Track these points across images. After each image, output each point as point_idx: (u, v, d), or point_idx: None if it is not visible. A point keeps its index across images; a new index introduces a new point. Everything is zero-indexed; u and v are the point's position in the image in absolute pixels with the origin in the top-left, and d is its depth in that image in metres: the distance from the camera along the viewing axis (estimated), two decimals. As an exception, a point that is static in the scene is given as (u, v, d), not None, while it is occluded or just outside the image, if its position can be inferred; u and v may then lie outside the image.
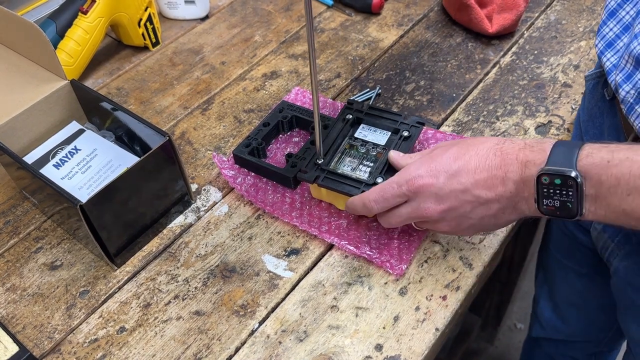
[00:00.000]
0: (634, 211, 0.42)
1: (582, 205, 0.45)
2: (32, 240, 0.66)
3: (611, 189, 0.43)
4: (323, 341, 0.56)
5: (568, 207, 0.46)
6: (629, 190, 0.42)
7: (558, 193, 0.45)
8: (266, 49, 0.90)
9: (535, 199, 0.47)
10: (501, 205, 0.50)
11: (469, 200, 0.51)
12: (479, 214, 0.52)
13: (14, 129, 0.68)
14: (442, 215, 0.53)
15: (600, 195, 0.44)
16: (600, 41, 0.60)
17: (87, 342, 0.57)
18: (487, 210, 0.51)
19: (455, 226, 0.54)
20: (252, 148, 0.70)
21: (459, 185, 0.51)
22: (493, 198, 0.50)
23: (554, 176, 0.45)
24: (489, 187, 0.50)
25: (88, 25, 0.81)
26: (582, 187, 0.44)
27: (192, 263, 0.63)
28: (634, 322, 0.69)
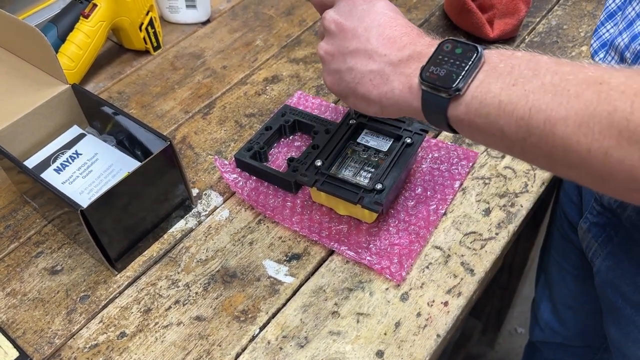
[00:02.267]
0: (508, 103, 0.39)
1: (466, 80, 0.41)
2: (33, 245, 0.66)
3: (501, 76, 0.40)
4: (324, 347, 0.56)
5: (450, 78, 0.42)
6: (515, 80, 0.39)
7: (451, 62, 0.43)
8: (267, 53, 0.90)
9: (423, 65, 0.44)
10: (387, 63, 0.47)
11: (361, 36, 0.48)
12: (360, 64, 0.48)
13: (14, 133, 0.68)
14: (329, 32, 0.50)
15: (485, 81, 0.41)
16: (595, 41, 0.61)
17: (87, 348, 0.57)
18: (370, 63, 0.48)
19: (334, 69, 0.51)
20: (254, 152, 0.70)
21: (363, 23, 0.49)
22: (384, 50, 0.47)
23: (457, 44, 0.44)
24: (383, 42, 0.47)
25: (89, 29, 0.81)
26: (479, 64, 0.42)
27: (193, 268, 0.63)
28: (614, 325, 0.69)
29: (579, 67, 0.38)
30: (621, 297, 0.65)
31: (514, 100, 0.39)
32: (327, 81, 0.52)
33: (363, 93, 0.48)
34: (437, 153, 0.71)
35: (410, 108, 0.46)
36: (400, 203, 0.66)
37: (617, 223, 0.65)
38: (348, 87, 0.49)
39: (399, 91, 0.46)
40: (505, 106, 0.39)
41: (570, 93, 0.37)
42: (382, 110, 0.48)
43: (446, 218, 0.65)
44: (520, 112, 0.38)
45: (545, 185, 0.69)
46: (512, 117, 0.39)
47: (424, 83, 0.44)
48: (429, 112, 0.44)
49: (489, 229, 0.64)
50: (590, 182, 0.39)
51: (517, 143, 0.40)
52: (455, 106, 0.42)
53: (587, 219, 0.70)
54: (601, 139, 0.35)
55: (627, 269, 0.64)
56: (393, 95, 0.46)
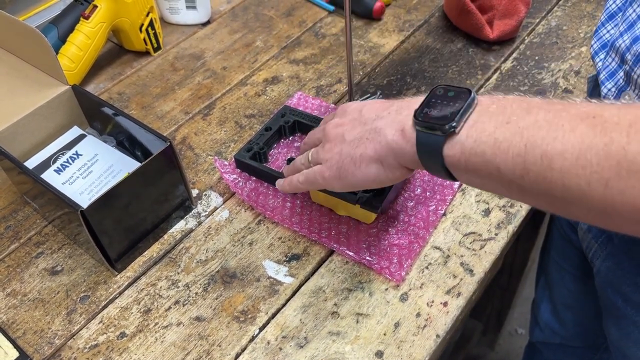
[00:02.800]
0: (503, 140, 0.39)
1: (460, 118, 0.42)
2: (33, 245, 0.66)
3: (494, 115, 0.41)
4: (323, 347, 0.56)
5: (446, 117, 0.43)
6: (509, 118, 0.40)
7: (444, 104, 0.44)
8: (267, 54, 0.90)
9: (417, 108, 0.45)
10: (378, 118, 0.49)
11: (356, 114, 0.52)
12: (356, 129, 0.51)
13: (15, 134, 0.68)
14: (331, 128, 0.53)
15: (479, 120, 0.42)
16: (596, 42, 0.61)
17: (87, 348, 0.57)
18: (364, 127, 0.50)
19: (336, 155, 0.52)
20: (254, 152, 0.70)
21: (356, 110, 0.52)
22: (374, 113, 0.50)
23: (450, 88, 0.45)
24: (375, 109, 0.50)
25: (90, 31, 0.81)
26: (473, 105, 0.43)
27: (193, 268, 0.63)
28: (614, 325, 0.69)
29: (571, 104, 0.38)
30: (621, 297, 0.65)
31: (508, 137, 0.39)
32: (330, 165, 0.52)
33: (364, 153, 0.49)
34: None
35: (405, 154, 0.46)
36: (400, 204, 0.66)
37: None
38: (349, 154, 0.50)
39: (392, 136, 0.47)
40: (501, 144, 0.39)
41: (565, 127, 0.37)
42: (383, 165, 0.48)
43: (446, 219, 0.66)
44: (516, 149, 0.38)
45: (545, 185, 0.69)
46: (508, 154, 0.39)
47: (418, 123, 0.44)
48: (423, 154, 0.45)
49: (488, 229, 0.64)
50: (593, 217, 0.38)
51: (514, 182, 0.40)
52: (450, 146, 0.42)
53: None
54: (600, 171, 0.35)
55: (628, 269, 0.64)
56: (387, 141, 0.47)
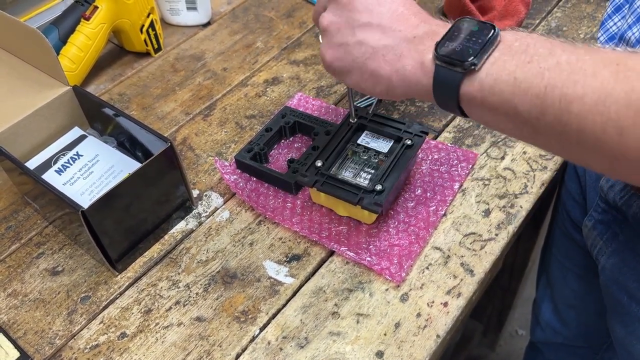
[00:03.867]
0: (523, 80, 0.39)
1: (482, 55, 0.41)
2: (34, 246, 0.66)
3: (516, 54, 0.40)
4: (324, 348, 0.56)
5: (467, 53, 0.41)
6: (531, 57, 0.39)
7: (467, 38, 0.42)
8: (268, 55, 0.90)
9: (438, 40, 0.43)
10: (401, 39, 0.45)
11: (374, 10, 0.46)
12: (372, 38, 0.46)
13: (16, 134, 0.68)
14: (338, 3, 0.48)
15: (501, 59, 0.40)
16: (602, 34, 0.61)
17: (88, 348, 0.57)
18: (383, 38, 0.46)
19: (339, 42, 0.48)
20: (254, 153, 0.70)
21: None
22: (397, 26, 0.46)
23: (474, 22, 0.43)
24: (397, 18, 0.46)
25: (90, 32, 0.81)
26: (495, 42, 0.41)
27: (193, 269, 0.63)
28: (619, 322, 0.69)
29: (595, 49, 0.38)
30: (626, 294, 0.65)
31: (529, 77, 0.38)
32: (328, 55, 0.49)
33: (373, 69, 0.46)
34: (437, 154, 0.72)
35: (419, 86, 0.45)
36: (400, 204, 0.66)
37: (623, 220, 0.65)
38: (355, 62, 0.47)
39: (411, 67, 0.44)
40: (520, 83, 0.39)
41: (587, 72, 0.36)
42: (388, 90, 0.47)
43: (446, 219, 0.66)
44: (535, 89, 0.38)
45: (545, 186, 0.69)
46: (527, 94, 0.38)
47: (438, 57, 0.43)
48: (440, 89, 0.43)
49: (488, 229, 0.64)
50: (602, 163, 0.38)
51: (529, 122, 0.39)
52: (468, 83, 0.41)
53: (591, 217, 0.70)
54: (617, 119, 0.35)
55: (633, 266, 0.64)
56: (405, 72, 0.45)
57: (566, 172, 0.83)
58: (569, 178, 0.81)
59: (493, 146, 0.73)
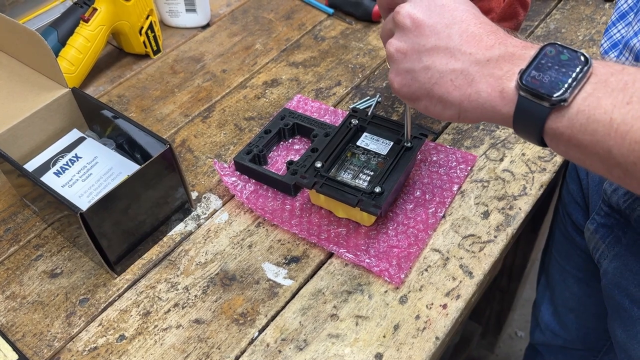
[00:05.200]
0: (622, 122, 0.36)
1: (573, 90, 0.37)
2: (32, 248, 0.66)
3: (614, 92, 0.36)
4: (323, 350, 0.56)
5: (556, 86, 0.38)
6: (630, 97, 0.36)
7: (556, 69, 0.39)
8: (267, 57, 0.90)
9: (522, 69, 0.40)
10: (472, 62, 0.42)
11: (442, 32, 0.43)
12: (439, 63, 0.43)
13: (15, 136, 0.68)
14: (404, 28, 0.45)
15: (594, 95, 0.37)
16: (606, 41, 0.60)
17: (86, 351, 0.57)
18: (451, 62, 0.43)
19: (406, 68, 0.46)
20: (253, 155, 0.70)
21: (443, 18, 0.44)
22: (468, 49, 0.42)
23: (563, 50, 0.39)
24: (467, 39, 0.42)
25: (89, 33, 0.81)
26: (587, 74, 0.38)
27: (192, 271, 0.63)
28: (620, 326, 0.69)
29: None
30: (628, 298, 0.65)
31: (628, 120, 0.35)
32: (396, 82, 0.47)
33: (441, 94, 0.44)
34: (436, 156, 0.72)
35: (497, 114, 0.42)
36: (399, 206, 0.66)
37: (626, 224, 0.65)
38: (422, 88, 0.45)
39: (487, 94, 0.41)
40: (619, 126, 0.36)
41: None
42: (460, 115, 0.44)
43: (445, 221, 0.66)
44: (635, 135, 0.35)
45: (544, 188, 0.69)
46: (625, 138, 0.36)
47: (523, 88, 0.39)
48: (522, 121, 0.40)
49: (487, 231, 0.64)
50: None
51: (623, 166, 0.37)
52: (556, 118, 0.38)
53: (594, 220, 0.70)
54: None
55: (635, 270, 0.64)
56: (478, 97, 0.42)
57: (567, 173, 0.83)
58: (571, 180, 0.81)
59: (492, 148, 0.73)
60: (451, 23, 0.43)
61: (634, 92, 0.36)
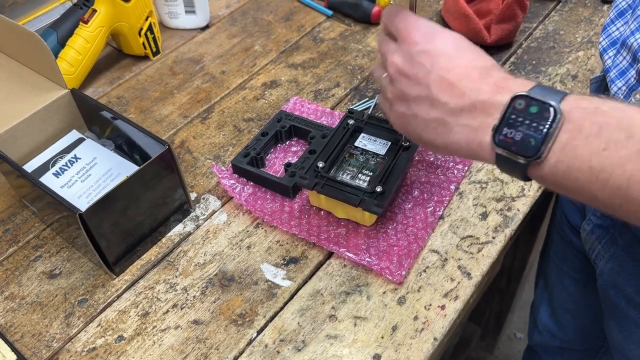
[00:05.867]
0: (601, 170, 0.36)
1: (546, 145, 0.38)
2: (31, 249, 0.66)
3: (589, 138, 0.36)
4: (321, 351, 0.56)
5: (528, 144, 0.38)
6: (606, 143, 0.35)
7: (526, 124, 0.39)
8: (266, 58, 0.91)
9: (495, 126, 0.40)
10: (448, 112, 0.43)
11: (422, 81, 0.45)
12: (423, 112, 0.45)
13: (14, 137, 0.68)
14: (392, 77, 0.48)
15: (571, 144, 0.37)
16: (604, 39, 0.61)
17: (85, 351, 0.57)
18: (431, 111, 0.44)
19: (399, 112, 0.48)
20: (251, 158, 0.70)
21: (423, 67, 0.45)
22: (443, 97, 0.43)
23: (532, 102, 0.39)
24: (443, 88, 0.43)
25: (89, 35, 0.82)
26: (559, 125, 0.38)
27: (191, 272, 0.63)
28: (616, 326, 0.69)
29: None
30: (624, 299, 0.65)
31: (607, 168, 0.35)
32: (396, 124, 0.50)
33: (428, 140, 0.46)
34: (433, 157, 0.72)
35: (482, 160, 0.43)
36: (398, 206, 0.67)
37: (621, 225, 0.65)
38: (414, 132, 0.48)
39: (466, 145, 0.43)
40: (599, 174, 0.36)
41: None
42: (451, 154, 0.48)
43: (443, 222, 0.66)
44: (616, 181, 0.35)
45: (542, 189, 0.69)
46: (606, 186, 0.36)
47: (498, 148, 0.40)
48: (505, 169, 0.42)
49: (485, 232, 0.64)
50: None
51: (609, 207, 0.37)
52: (536, 169, 0.39)
53: (590, 221, 0.70)
54: None
55: (631, 270, 0.64)
56: (459, 147, 0.43)
57: None
58: None
59: (490, 149, 0.73)
60: (430, 71, 0.44)
61: (609, 136, 0.36)
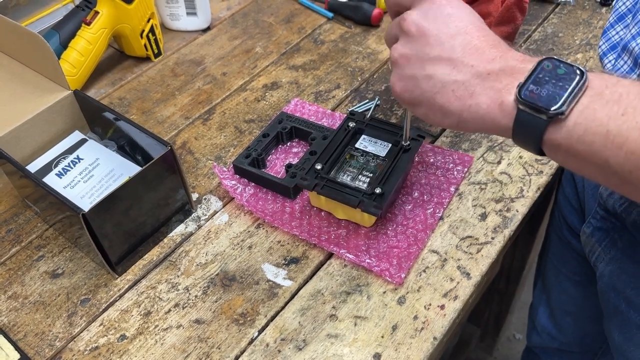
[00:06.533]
0: (617, 134, 0.36)
1: (570, 103, 0.38)
2: (34, 249, 0.67)
3: (609, 104, 0.37)
4: (322, 350, 0.56)
5: (553, 99, 0.39)
6: (625, 109, 0.36)
7: (553, 83, 0.40)
8: (267, 60, 0.91)
9: (521, 83, 0.41)
10: (474, 75, 0.43)
11: (446, 42, 0.44)
12: (441, 73, 0.44)
13: (17, 138, 0.69)
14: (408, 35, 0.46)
15: (591, 107, 0.38)
16: (604, 43, 0.61)
17: (87, 350, 0.57)
18: (453, 73, 0.44)
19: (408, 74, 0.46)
20: (252, 159, 0.71)
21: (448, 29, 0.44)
22: (470, 61, 0.43)
23: (560, 64, 0.40)
24: (470, 52, 0.43)
25: (91, 36, 0.82)
26: (583, 87, 0.39)
27: (193, 272, 0.63)
28: (617, 328, 0.69)
29: None
30: (625, 301, 0.66)
31: (624, 132, 0.36)
32: (398, 87, 0.48)
33: (442, 104, 0.45)
34: (433, 158, 0.72)
35: (496, 126, 0.43)
36: (398, 207, 0.67)
37: (622, 227, 0.65)
38: (423, 96, 0.46)
39: (487, 106, 0.42)
40: (614, 137, 0.36)
41: None
42: (459, 124, 0.45)
43: (443, 222, 0.66)
44: (631, 145, 0.36)
45: (541, 190, 0.69)
46: (621, 149, 0.36)
47: (522, 102, 0.40)
48: (521, 133, 0.41)
49: (485, 233, 0.65)
50: None
51: (620, 174, 0.38)
52: (554, 130, 0.39)
53: (590, 224, 0.71)
54: None
55: (632, 273, 0.64)
56: (478, 109, 0.43)
57: (563, 177, 0.84)
58: (567, 183, 0.82)
59: (489, 150, 0.74)
60: (455, 34, 0.44)
61: (628, 103, 0.37)
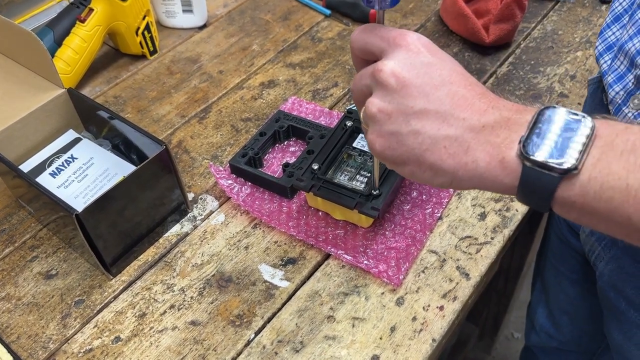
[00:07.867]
0: (639, 188, 0.34)
1: (582, 156, 0.35)
2: (28, 249, 0.66)
3: (623, 154, 0.34)
4: (319, 352, 0.55)
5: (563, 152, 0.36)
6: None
7: (557, 134, 0.37)
8: (264, 58, 0.90)
9: (523, 137, 0.37)
10: (467, 128, 0.39)
11: (431, 94, 0.40)
12: (430, 127, 0.40)
13: (10, 137, 0.68)
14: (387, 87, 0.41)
15: (605, 160, 0.35)
16: (601, 44, 0.61)
17: (82, 352, 0.57)
18: (443, 127, 0.39)
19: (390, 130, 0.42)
20: (249, 158, 0.70)
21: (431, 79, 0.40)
22: (461, 113, 0.39)
23: (559, 112, 0.37)
24: (458, 103, 0.39)
25: (86, 34, 0.81)
26: (592, 135, 0.35)
27: (188, 272, 0.63)
28: (616, 328, 0.69)
29: None
30: (624, 300, 0.65)
31: None
32: (378, 145, 0.43)
33: (432, 162, 0.40)
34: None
35: (497, 184, 0.39)
36: (396, 207, 0.66)
37: None
38: (410, 153, 0.41)
39: (486, 163, 0.38)
40: (637, 192, 0.33)
41: None
42: (452, 182, 0.41)
43: (442, 222, 0.66)
44: None
45: (541, 189, 0.69)
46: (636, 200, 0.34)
47: (526, 157, 0.36)
48: (528, 191, 0.38)
49: (484, 233, 0.64)
50: None
51: None
52: (566, 187, 0.36)
53: None
54: None
55: (631, 272, 0.64)
56: (476, 167, 0.39)
57: None
58: None
59: (489, 150, 0.73)
60: (439, 84, 0.40)
61: None
